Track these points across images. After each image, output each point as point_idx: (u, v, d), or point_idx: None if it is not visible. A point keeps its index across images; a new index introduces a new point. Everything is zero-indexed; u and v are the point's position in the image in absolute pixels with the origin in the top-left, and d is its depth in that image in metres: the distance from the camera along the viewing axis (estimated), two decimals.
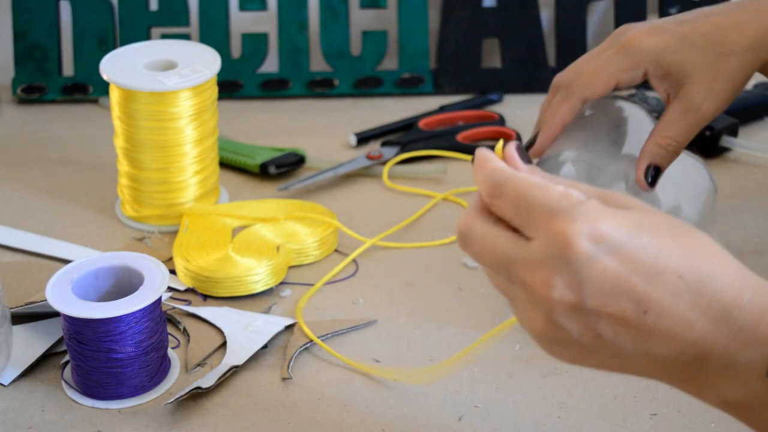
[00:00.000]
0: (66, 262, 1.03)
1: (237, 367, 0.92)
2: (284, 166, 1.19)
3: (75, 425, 0.87)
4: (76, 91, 1.36)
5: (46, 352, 0.93)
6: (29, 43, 1.35)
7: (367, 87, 1.37)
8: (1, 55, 1.38)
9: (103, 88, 1.30)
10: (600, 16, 1.41)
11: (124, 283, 0.92)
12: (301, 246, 1.06)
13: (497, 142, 0.70)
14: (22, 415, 0.88)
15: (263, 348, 0.94)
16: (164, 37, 1.36)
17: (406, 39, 1.37)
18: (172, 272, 1.03)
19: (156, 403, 0.89)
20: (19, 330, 0.94)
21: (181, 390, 0.89)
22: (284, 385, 0.91)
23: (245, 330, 0.96)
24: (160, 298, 0.89)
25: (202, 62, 1.09)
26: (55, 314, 0.94)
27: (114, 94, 1.08)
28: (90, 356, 0.88)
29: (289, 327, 0.97)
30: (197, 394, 0.89)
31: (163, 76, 1.07)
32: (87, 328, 0.87)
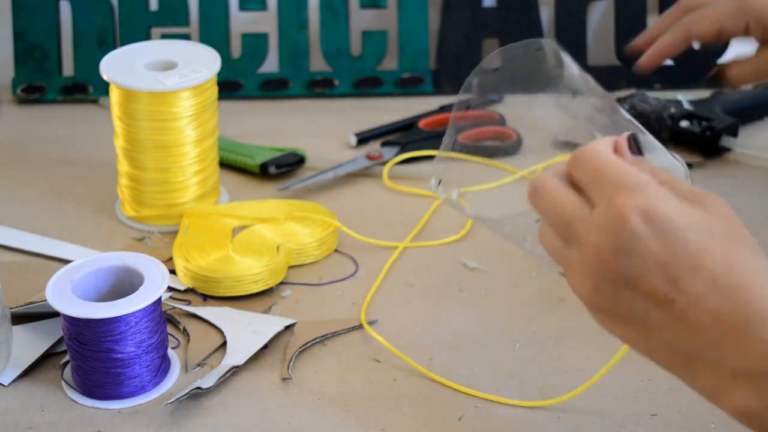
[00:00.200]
0: (66, 262, 1.03)
1: (237, 367, 0.92)
2: (284, 166, 1.19)
3: (75, 425, 0.87)
4: (76, 91, 1.36)
5: (46, 352, 0.93)
6: (29, 43, 1.35)
7: (367, 87, 1.37)
8: (1, 55, 1.38)
9: (103, 88, 1.30)
10: (600, 16, 1.41)
11: (124, 284, 0.92)
12: (301, 246, 1.06)
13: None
14: (22, 415, 0.88)
15: (263, 348, 0.94)
16: (164, 37, 1.36)
17: (406, 39, 1.37)
18: (172, 272, 1.03)
19: (156, 403, 0.89)
20: (19, 330, 0.94)
21: (181, 390, 0.89)
22: (284, 385, 0.91)
23: (245, 330, 0.96)
24: (160, 298, 0.89)
25: (202, 62, 1.09)
26: (55, 314, 0.94)
27: (114, 94, 1.08)
28: (90, 356, 0.88)
29: (289, 327, 0.97)
30: (197, 394, 0.89)
31: (163, 76, 1.07)
32: (87, 328, 0.87)
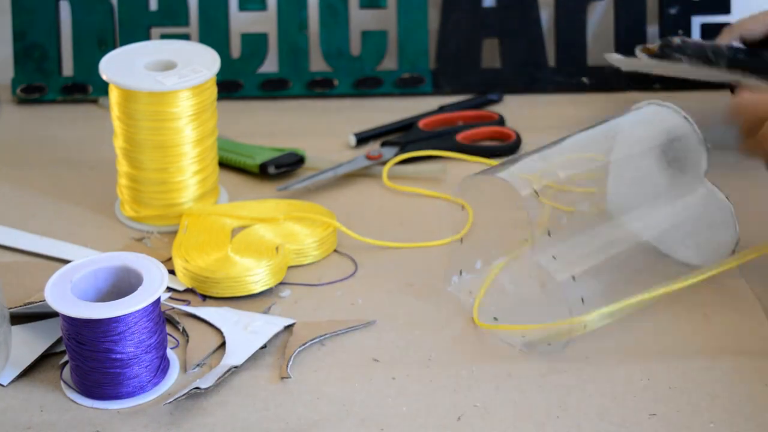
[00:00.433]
0: (65, 262, 1.03)
1: (236, 367, 0.92)
2: (284, 166, 1.19)
3: (74, 425, 0.87)
4: (75, 91, 1.36)
5: (45, 352, 0.93)
6: (29, 43, 1.36)
7: (366, 87, 1.37)
8: (1, 55, 1.38)
9: (103, 88, 1.30)
10: (600, 16, 1.41)
11: (123, 284, 0.92)
12: (301, 246, 1.06)
13: None
14: (21, 416, 0.88)
15: (262, 348, 0.94)
16: (164, 37, 1.36)
17: (405, 39, 1.37)
18: (172, 272, 1.03)
19: (155, 403, 0.89)
20: (18, 330, 0.94)
21: (180, 390, 0.89)
22: (283, 385, 0.91)
23: (244, 330, 0.96)
24: (159, 299, 0.89)
25: (201, 62, 1.09)
26: (54, 314, 0.94)
27: (113, 94, 1.08)
28: (89, 356, 0.88)
29: (288, 327, 0.97)
30: (196, 394, 0.89)
31: (162, 76, 1.07)
32: (86, 328, 0.87)
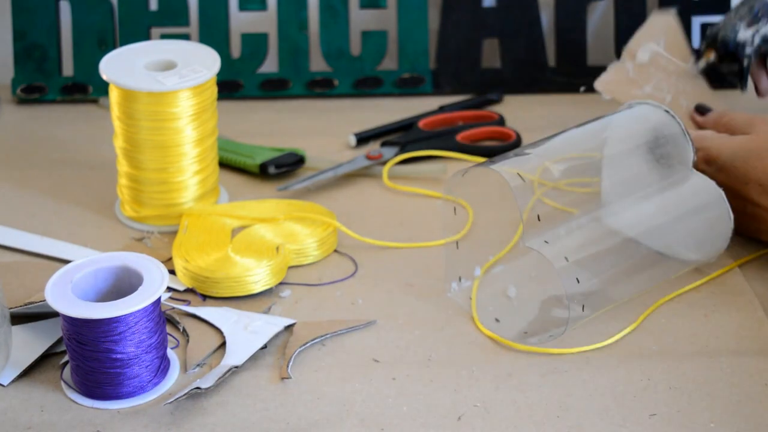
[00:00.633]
0: (65, 262, 1.03)
1: (236, 367, 0.92)
2: (284, 166, 1.19)
3: (74, 425, 0.87)
4: (75, 91, 1.36)
5: (45, 352, 0.93)
6: (29, 43, 1.36)
7: (366, 87, 1.37)
8: (1, 55, 1.38)
9: (103, 88, 1.30)
10: (600, 16, 1.41)
11: (123, 284, 0.92)
12: (301, 246, 1.06)
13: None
14: (22, 416, 0.88)
15: (262, 348, 0.94)
16: (164, 37, 1.36)
17: (406, 39, 1.37)
18: (172, 272, 1.03)
19: (155, 403, 0.89)
20: (18, 330, 0.94)
21: (180, 390, 0.89)
22: (283, 385, 0.91)
23: (244, 330, 0.96)
24: (159, 299, 0.89)
25: (201, 62, 1.09)
26: (55, 314, 0.94)
27: (114, 94, 1.08)
28: (89, 356, 0.88)
29: (288, 327, 0.97)
30: (196, 394, 0.89)
31: (162, 76, 1.07)
32: (86, 328, 0.87)
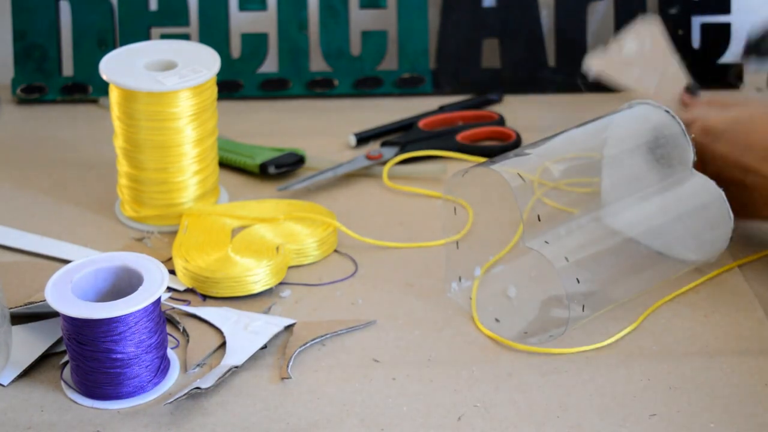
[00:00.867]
0: (66, 262, 1.03)
1: (236, 367, 0.92)
2: (284, 166, 1.19)
3: (74, 425, 0.87)
4: (75, 91, 1.36)
5: (45, 352, 0.93)
6: (29, 43, 1.35)
7: (366, 87, 1.37)
8: (1, 55, 1.38)
9: (103, 88, 1.30)
10: (600, 16, 1.41)
11: (123, 284, 0.92)
12: (301, 246, 1.06)
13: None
14: (22, 416, 0.88)
15: (263, 348, 0.94)
16: (164, 37, 1.36)
17: (406, 39, 1.37)
18: (172, 272, 1.03)
19: (155, 403, 0.89)
20: (18, 330, 0.94)
21: (180, 390, 0.89)
22: (283, 385, 0.91)
23: (245, 330, 0.96)
24: (159, 299, 0.89)
25: (201, 62, 1.09)
26: (55, 314, 0.94)
27: (114, 94, 1.08)
28: (89, 356, 0.88)
29: (288, 327, 0.97)
30: (196, 394, 0.89)
31: (162, 76, 1.07)
32: (86, 328, 0.87)
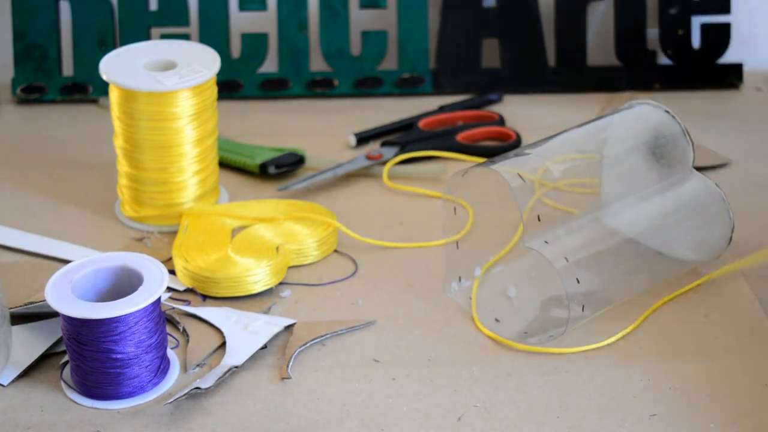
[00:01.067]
0: (65, 262, 1.03)
1: (236, 367, 0.92)
2: (284, 166, 1.19)
3: (74, 425, 0.87)
4: (75, 91, 1.36)
5: (45, 352, 0.93)
6: (29, 43, 1.35)
7: (366, 87, 1.37)
8: (1, 55, 1.38)
9: (103, 88, 1.30)
10: (600, 16, 1.41)
11: (123, 284, 0.92)
12: (301, 246, 1.06)
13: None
14: (22, 416, 0.88)
15: (262, 348, 0.94)
16: (164, 37, 1.36)
17: (406, 39, 1.37)
18: (172, 272, 1.03)
19: (155, 403, 0.89)
20: (18, 330, 0.94)
21: (180, 390, 0.89)
22: (283, 385, 0.91)
23: (244, 330, 0.96)
24: (159, 299, 0.89)
25: (201, 62, 1.09)
26: (55, 314, 0.94)
27: (113, 94, 1.08)
28: (89, 356, 0.88)
29: (288, 327, 0.97)
30: (196, 394, 0.89)
31: (162, 76, 1.07)
32: (86, 328, 0.87)
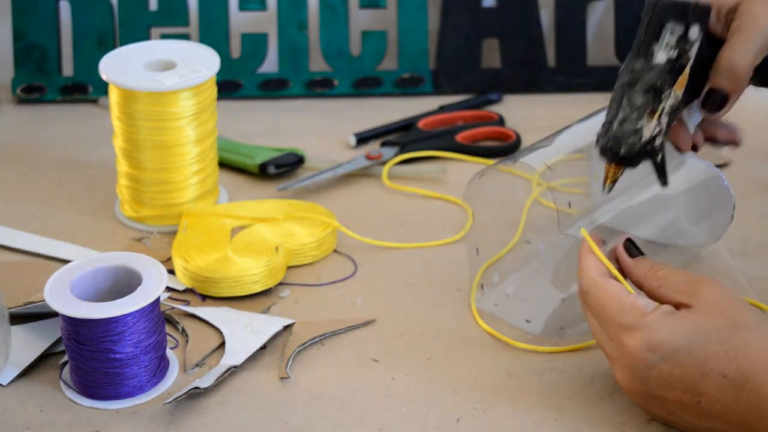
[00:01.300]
0: (65, 262, 1.03)
1: (235, 367, 0.92)
2: (284, 166, 1.19)
3: (73, 425, 0.87)
4: (75, 91, 1.36)
5: (44, 352, 0.93)
6: (29, 43, 1.35)
7: (366, 87, 1.37)
8: (1, 55, 1.38)
9: (103, 88, 1.30)
10: (600, 16, 1.41)
11: (122, 284, 0.92)
12: (300, 246, 1.06)
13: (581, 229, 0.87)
14: (21, 416, 0.88)
15: (262, 348, 0.94)
16: (164, 37, 1.36)
17: (405, 39, 1.37)
18: (171, 272, 1.03)
19: (154, 403, 0.89)
20: (17, 330, 0.94)
21: (179, 390, 0.89)
22: (282, 384, 0.91)
23: (244, 330, 0.96)
24: (158, 299, 0.89)
25: (201, 62, 1.09)
26: (54, 314, 0.94)
27: (113, 94, 1.08)
28: (88, 356, 0.88)
29: (287, 327, 0.97)
30: (196, 394, 0.89)
31: (162, 76, 1.07)
32: (85, 328, 0.87)
